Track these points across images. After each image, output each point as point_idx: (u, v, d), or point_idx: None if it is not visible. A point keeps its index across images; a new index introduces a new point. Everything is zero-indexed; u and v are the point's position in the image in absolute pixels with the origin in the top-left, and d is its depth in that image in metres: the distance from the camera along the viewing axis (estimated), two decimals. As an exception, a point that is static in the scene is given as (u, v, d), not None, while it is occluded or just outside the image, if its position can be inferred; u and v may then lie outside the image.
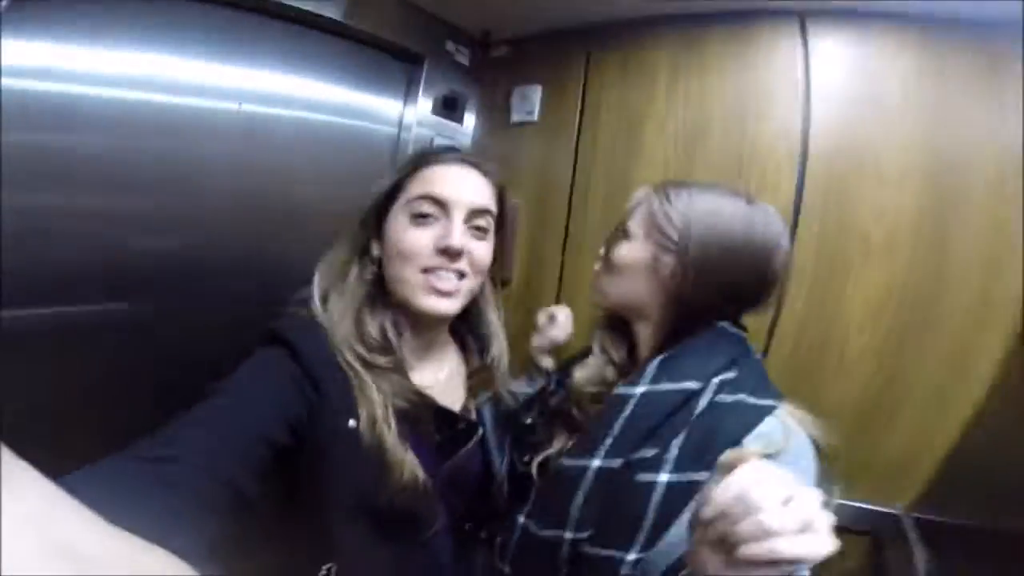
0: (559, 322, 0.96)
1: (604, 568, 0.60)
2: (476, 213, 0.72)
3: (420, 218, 0.69)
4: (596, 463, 0.63)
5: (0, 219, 0.75)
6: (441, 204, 0.70)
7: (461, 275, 0.71)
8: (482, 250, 0.73)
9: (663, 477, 0.59)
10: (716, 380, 0.63)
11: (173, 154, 1.00)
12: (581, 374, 0.76)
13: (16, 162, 0.85)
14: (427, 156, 0.75)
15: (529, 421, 0.82)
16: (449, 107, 1.38)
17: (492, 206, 0.75)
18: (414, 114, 1.33)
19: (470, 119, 1.46)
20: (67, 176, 0.89)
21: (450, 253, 0.68)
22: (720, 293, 0.65)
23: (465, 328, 0.85)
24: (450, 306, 0.71)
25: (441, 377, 0.78)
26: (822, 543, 0.40)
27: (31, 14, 0.83)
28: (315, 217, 1.16)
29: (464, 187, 0.72)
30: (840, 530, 1.01)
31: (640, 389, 0.64)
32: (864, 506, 1.00)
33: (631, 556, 0.58)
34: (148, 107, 0.96)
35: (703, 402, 0.62)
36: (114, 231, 0.94)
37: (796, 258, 1.04)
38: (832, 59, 1.06)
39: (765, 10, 1.10)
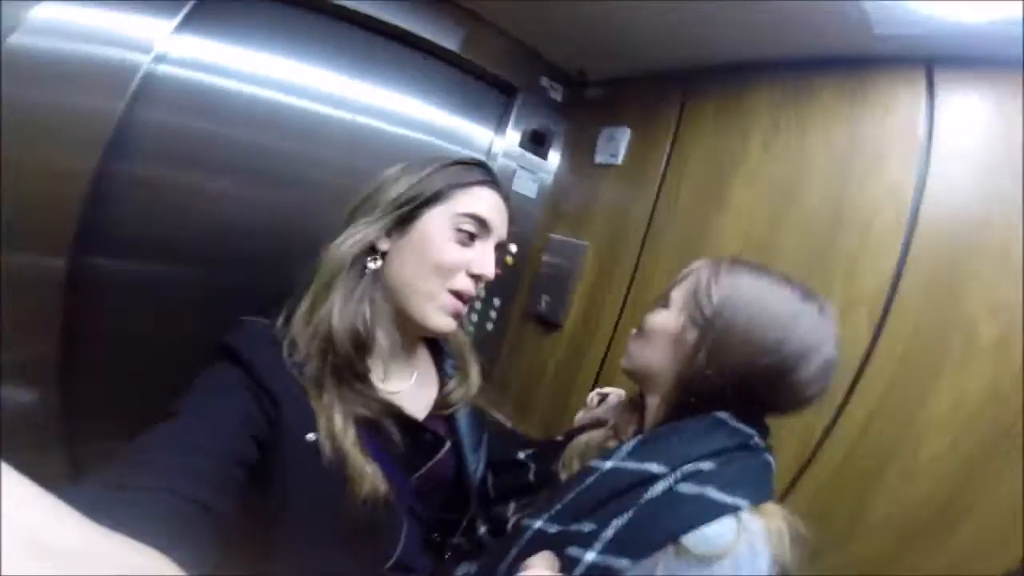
0: (609, 403, 0.91)
1: None
2: (499, 247, 0.74)
3: (466, 236, 0.69)
4: (536, 524, 0.61)
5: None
6: (486, 230, 0.71)
7: (472, 301, 0.73)
8: None
9: (589, 556, 0.56)
10: (685, 469, 0.58)
11: (293, 151, 1.16)
12: (583, 438, 0.75)
13: (166, 140, 1.03)
14: (481, 172, 0.73)
15: (523, 462, 0.83)
16: (536, 141, 1.42)
17: None
18: (502, 144, 1.39)
19: (554, 155, 1.49)
20: (205, 158, 1.07)
21: (482, 281, 0.70)
22: (731, 383, 0.60)
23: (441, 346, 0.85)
24: (455, 327, 0.72)
25: (409, 384, 0.76)
26: None
27: (208, 17, 1.02)
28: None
29: (502, 219, 0.74)
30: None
31: (609, 464, 0.62)
32: None
33: None
34: (281, 107, 1.13)
35: (659, 488, 0.57)
36: (234, 211, 1.10)
37: (882, 343, 0.90)
38: (963, 114, 0.90)
39: (886, 57, 0.97)
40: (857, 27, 0.91)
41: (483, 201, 0.71)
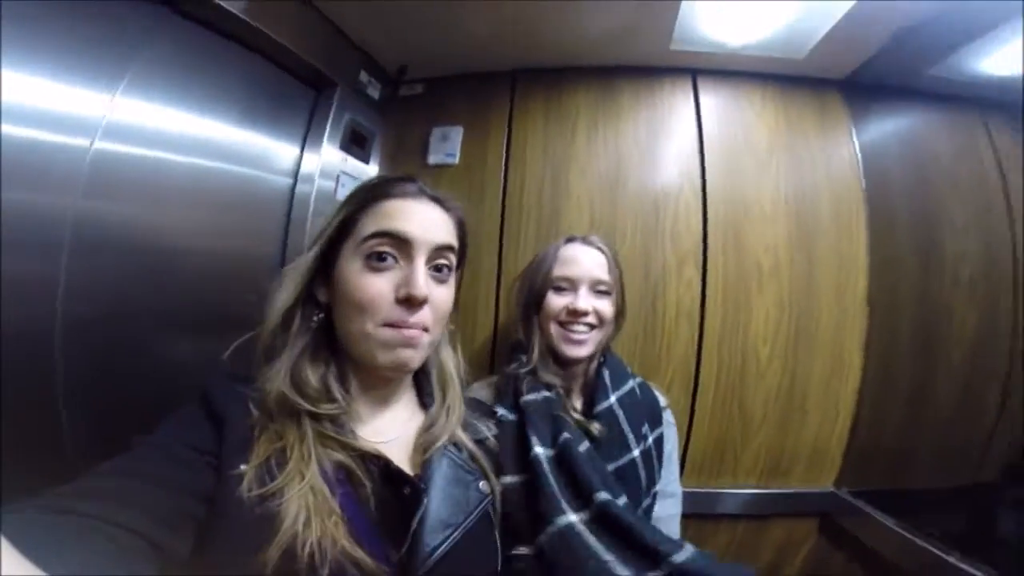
0: None
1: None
2: (439, 251, 0.64)
3: (378, 260, 0.61)
4: (637, 452, 0.90)
5: None
6: (402, 243, 0.61)
7: (424, 328, 0.63)
8: (444, 296, 0.66)
9: (650, 439, 0.94)
10: (629, 372, 1.01)
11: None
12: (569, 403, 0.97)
13: None
14: (383, 186, 0.65)
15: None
16: (357, 143, 1.25)
17: (455, 243, 0.68)
18: (318, 152, 1.16)
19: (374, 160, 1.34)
20: None
21: (413, 303, 0.60)
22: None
23: (421, 375, 0.75)
24: (413, 359, 0.63)
25: (395, 433, 0.67)
26: None
27: None
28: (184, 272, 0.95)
29: (427, 223, 0.64)
30: (789, 516, 1.15)
31: (613, 398, 0.94)
32: (803, 491, 1.19)
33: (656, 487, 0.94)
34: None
35: (637, 389, 0.98)
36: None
37: (709, 286, 1.22)
38: (716, 112, 1.28)
39: (663, 67, 1.28)
40: (653, 40, 1.17)
41: (392, 215, 0.62)
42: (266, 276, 1.06)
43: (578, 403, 0.97)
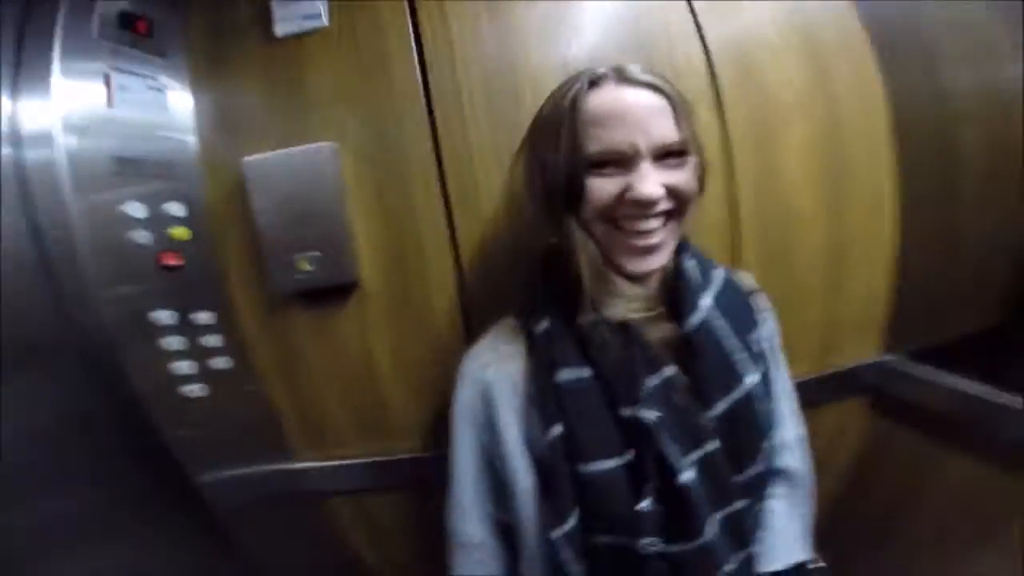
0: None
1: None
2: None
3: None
4: (753, 377, 0.63)
5: None
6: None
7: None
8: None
9: (762, 345, 0.69)
10: (713, 261, 0.71)
11: None
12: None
13: None
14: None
15: None
16: (135, 28, 0.72)
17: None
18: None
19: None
20: None
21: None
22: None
23: None
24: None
25: None
26: None
27: None
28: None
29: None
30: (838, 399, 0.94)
31: (708, 300, 0.64)
32: (853, 365, 0.98)
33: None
34: None
35: (728, 279, 0.70)
36: None
37: (731, 125, 0.91)
38: None
39: None
40: None
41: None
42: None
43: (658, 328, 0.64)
